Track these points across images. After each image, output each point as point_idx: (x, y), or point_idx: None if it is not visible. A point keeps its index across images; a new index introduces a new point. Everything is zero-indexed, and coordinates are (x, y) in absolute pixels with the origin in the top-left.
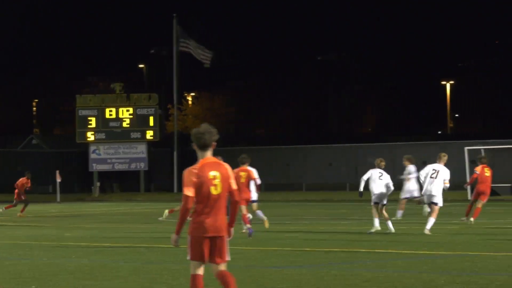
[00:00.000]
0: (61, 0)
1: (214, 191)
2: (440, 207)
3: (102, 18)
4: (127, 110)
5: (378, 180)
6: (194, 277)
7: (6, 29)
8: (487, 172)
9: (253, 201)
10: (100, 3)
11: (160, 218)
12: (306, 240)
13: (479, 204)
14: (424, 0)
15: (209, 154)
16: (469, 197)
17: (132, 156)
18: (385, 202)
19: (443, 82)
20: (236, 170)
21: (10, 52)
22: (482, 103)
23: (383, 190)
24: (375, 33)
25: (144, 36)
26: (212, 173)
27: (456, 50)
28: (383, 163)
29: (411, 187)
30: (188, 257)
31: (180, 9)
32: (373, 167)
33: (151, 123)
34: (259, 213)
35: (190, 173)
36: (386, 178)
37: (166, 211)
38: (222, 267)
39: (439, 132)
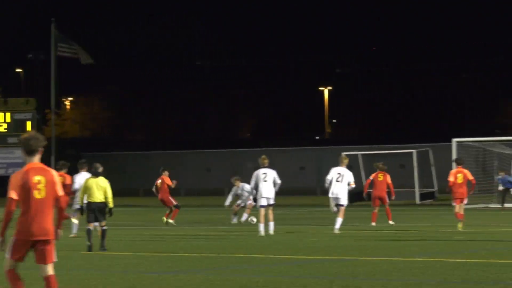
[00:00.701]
0: None
1: (37, 195)
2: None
3: None
4: (4, 115)
5: (263, 182)
6: (10, 271)
7: None
8: (381, 177)
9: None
10: None
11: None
12: (183, 245)
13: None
14: (301, 7)
15: (36, 159)
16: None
17: (9, 161)
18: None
19: (321, 88)
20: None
21: None
22: (359, 108)
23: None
24: (252, 36)
25: (22, 41)
26: (37, 178)
27: (334, 56)
28: (266, 161)
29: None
30: (8, 255)
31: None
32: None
33: (28, 128)
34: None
35: (15, 177)
36: (272, 177)
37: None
38: (49, 268)
39: (317, 138)
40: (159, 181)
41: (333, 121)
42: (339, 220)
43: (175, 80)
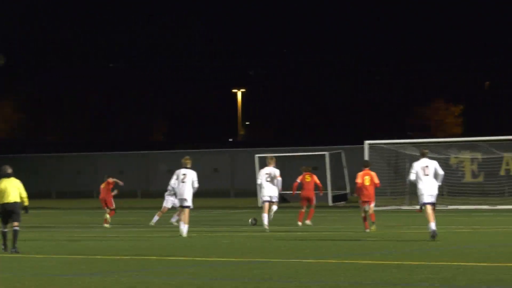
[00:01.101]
0: None
1: None
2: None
3: None
4: None
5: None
6: None
7: None
8: (308, 178)
9: None
10: None
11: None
12: (97, 247)
13: (308, 209)
14: (212, 10)
15: None
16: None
17: None
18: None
19: (234, 90)
20: None
21: None
22: (272, 110)
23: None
24: (168, 38)
25: None
26: None
27: (248, 58)
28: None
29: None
30: None
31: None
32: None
33: None
34: None
35: None
36: (191, 179)
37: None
38: None
39: (230, 140)
40: (103, 184)
41: (247, 123)
42: (266, 217)
43: (87, 82)
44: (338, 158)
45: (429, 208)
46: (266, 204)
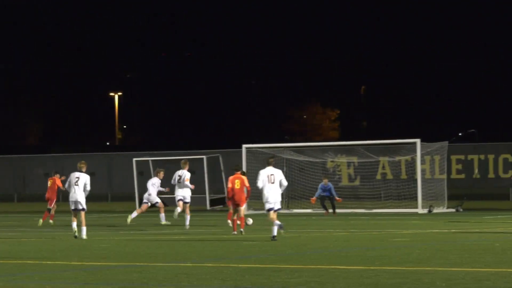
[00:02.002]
0: None
1: None
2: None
3: None
4: None
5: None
6: None
7: None
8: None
9: None
10: None
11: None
12: None
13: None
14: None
15: None
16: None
17: None
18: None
19: (112, 94)
20: None
21: None
22: (148, 114)
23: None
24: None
25: None
26: None
27: (124, 61)
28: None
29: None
30: None
31: None
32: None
33: None
34: None
35: None
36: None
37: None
38: None
39: (108, 143)
40: (50, 181)
41: (124, 126)
42: (187, 217)
43: None
44: (216, 162)
45: (272, 214)
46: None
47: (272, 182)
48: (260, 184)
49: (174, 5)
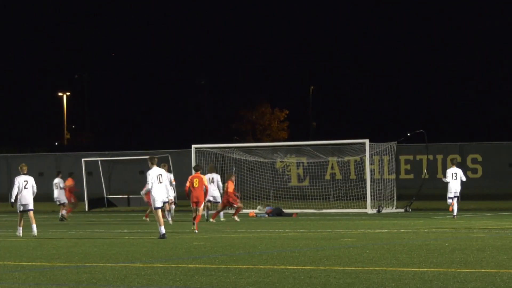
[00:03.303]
0: None
1: None
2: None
3: None
4: None
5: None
6: None
7: None
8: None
9: None
10: None
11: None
12: None
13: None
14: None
15: None
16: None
17: None
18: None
19: (60, 94)
20: None
21: None
22: (97, 114)
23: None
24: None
25: None
26: None
27: (72, 61)
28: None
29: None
30: None
31: None
32: None
33: None
34: None
35: None
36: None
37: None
38: None
39: (56, 144)
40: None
41: (73, 127)
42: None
43: None
44: (165, 162)
45: (159, 212)
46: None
47: (160, 182)
48: (149, 185)
49: (120, 3)
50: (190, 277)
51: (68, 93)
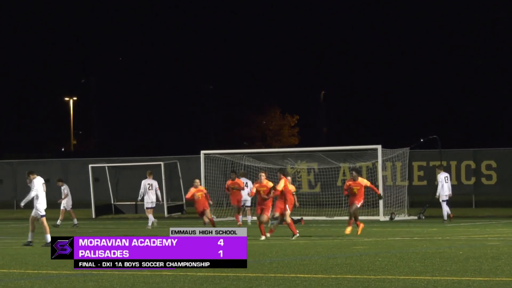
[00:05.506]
0: None
1: None
2: None
3: None
4: None
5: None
6: None
7: None
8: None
9: None
10: None
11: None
12: None
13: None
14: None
15: None
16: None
17: None
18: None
19: (66, 99)
20: None
21: None
22: (105, 120)
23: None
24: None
25: None
26: None
27: (79, 66)
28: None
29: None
30: None
31: None
32: None
33: None
34: None
35: None
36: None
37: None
38: None
39: (63, 149)
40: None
41: (79, 132)
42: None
43: None
44: (174, 168)
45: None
46: None
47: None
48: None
49: (128, 8)
50: (199, 286)
51: (74, 98)
